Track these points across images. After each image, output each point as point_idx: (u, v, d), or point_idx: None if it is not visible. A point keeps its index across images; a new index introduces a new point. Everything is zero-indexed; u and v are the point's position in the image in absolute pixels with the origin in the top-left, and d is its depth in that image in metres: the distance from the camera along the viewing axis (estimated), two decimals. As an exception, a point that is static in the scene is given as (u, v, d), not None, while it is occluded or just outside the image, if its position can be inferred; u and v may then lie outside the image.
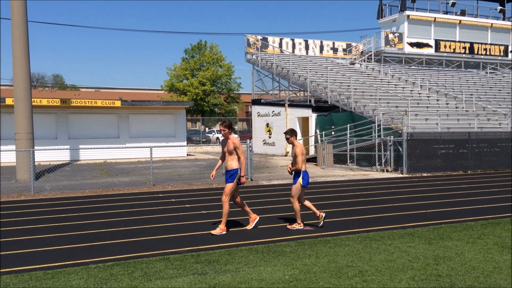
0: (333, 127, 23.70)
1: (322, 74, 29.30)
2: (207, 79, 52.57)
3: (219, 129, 9.09)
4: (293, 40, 35.19)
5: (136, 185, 15.17)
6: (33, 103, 18.57)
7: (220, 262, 6.67)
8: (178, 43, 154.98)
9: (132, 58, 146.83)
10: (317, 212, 8.99)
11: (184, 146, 24.58)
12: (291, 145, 8.86)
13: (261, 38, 33.77)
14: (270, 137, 29.56)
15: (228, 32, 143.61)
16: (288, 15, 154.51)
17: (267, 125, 29.80)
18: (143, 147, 18.58)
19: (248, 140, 17.53)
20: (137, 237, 8.36)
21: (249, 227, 8.87)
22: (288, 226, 8.92)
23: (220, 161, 9.04)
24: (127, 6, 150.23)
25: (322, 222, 8.96)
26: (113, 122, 25.45)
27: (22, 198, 12.95)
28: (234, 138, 8.51)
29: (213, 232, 8.47)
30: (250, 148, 16.78)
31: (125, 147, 23.11)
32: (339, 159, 21.84)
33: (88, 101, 25.04)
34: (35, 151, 15.35)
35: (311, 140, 25.69)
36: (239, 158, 8.49)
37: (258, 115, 30.80)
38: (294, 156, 8.64)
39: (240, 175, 8.49)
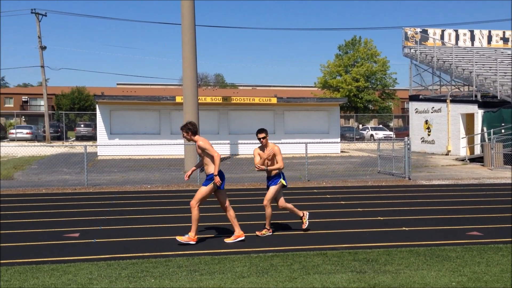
0: (503, 124, 21.50)
1: (490, 67, 26.75)
2: (361, 75, 51.63)
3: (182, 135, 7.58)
4: (456, 31, 32.72)
5: (291, 180, 15.46)
6: (199, 101, 20.06)
7: (379, 262, 6.47)
8: (331, 40, 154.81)
9: (286, 56, 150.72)
10: (299, 212, 8.29)
11: (338, 142, 24.45)
12: (266, 146, 7.93)
13: (420, 30, 32.03)
14: (429, 135, 27.93)
15: (384, 26, 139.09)
16: (451, 5, 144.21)
17: (426, 122, 28.20)
18: (298, 143, 18.95)
19: (405, 137, 16.75)
20: (295, 230, 8.52)
21: (229, 240, 7.63)
22: (303, 226, 8.28)
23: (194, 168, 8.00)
24: (282, 5, 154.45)
25: (307, 222, 8.25)
26: (269, 118, 26.35)
27: (190, 188, 14.10)
28: (198, 139, 7.34)
29: (178, 238, 7.41)
30: (408, 146, 16.03)
31: (280, 143, 23.85)
32: (510, 160, 19.75)
33: (247, 99, 26.30)
34: (200, 145, 16.59)
35: (477, 139, 23.65)
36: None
37: (416, 112, 29.30)
38: (273, 156, 7.84)
39: (214, 175, 7.35)
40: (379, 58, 52.74)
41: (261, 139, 7.85)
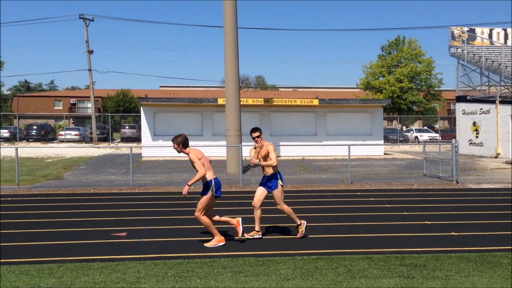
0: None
1: (542, 66, 25.66)
2: (405, 76, 50.58)
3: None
4: (505, 30, 31.58)
5: (334, 182, 15.36)
6: (240, 103, 20.17)
7: (427, 267, 6.31)
8: (374, 40, 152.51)
9: (328, 57, 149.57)
10: (298, 220, 8.02)
11: (381, 144, 24.05)
12: (259, 145, 7.80)
13: (468, 29, 31.09)
14: (477, 137, 27.05)
15: (429, 26, 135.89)
16: (499, 4, 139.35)
17: (474, 124, 27.33)
18: (341, 145, 18.72)
19: (453, 139, 16.28)
20: (338, 233, 8.43)
21: (209, 244, 7.49)
22: (298, 236, 7.98)
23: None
24: (323, 6, 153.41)
25: (302, 232, 7.93)
26: (310, 120, 26.19)
27: (232, 190, 14.19)
28: (189, 152, 7.39)
29: (206, 244, 7.51)
30: (456, 148, 15.57)
31: (322, 145, 23.67)
32: None
33: (288, 100, 26.25)
34: (242, 147, 16.68)
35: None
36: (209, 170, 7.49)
37: (463, 113, 28.44)
38: (266, 154, 7.73)
39: (213, 186, 7.42)
40: (423, 58, 51.51)
41: (255, 138, 7.82)
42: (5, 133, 43.20)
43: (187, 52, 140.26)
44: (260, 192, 7.91)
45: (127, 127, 45.74)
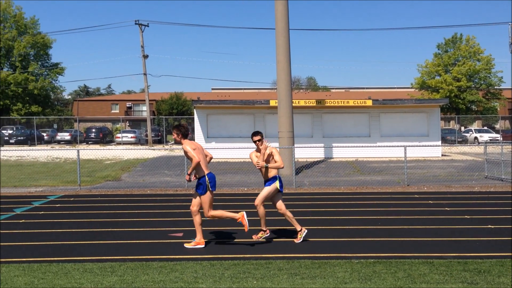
0: None
1: None
2: (463, 75, 48.84)
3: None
4: None
5: (389, 184, 15.01)
6: (292, 104, 20.10)
7: (492, 273, 6.04)
8: (429, 38, 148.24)
9: (380, 57, 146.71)
10: (298, 226, 7.82)
11: (439, 146, 23.26)
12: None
13: (531, 24, 29.62)
14: (541, 137, 25.67)
15: (487, 22, 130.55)
16: None
17: (538, 123, 25.95)
18: (396, 146, 18.27)
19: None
20: (396, 236, 8.22)
21: (189, 245, 7.55)
22: (254, 237, 7.91)
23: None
24: (375, 5, 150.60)
25: (300, 239, 7.78)
26: (364, 121, 25.75)
27: (285, 191, 14.11)
28: (184, 143, 7.38)
29: (186, 245, 7.56)
30: (520, 149, 14.82)
31: (376, 146, 23.21)
32: None
33: (341, 101, 25.91)
34: (295, 149, 16.61)
35: None
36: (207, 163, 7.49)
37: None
38: (268, 158, 7.63)
39: (207, 183, 7.35)
40: (482, 56, 49.56)
41: (257, 142, 7.74)
42: (66, 136, 45.16)
43: (238, 54, 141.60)
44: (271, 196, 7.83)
45: (180, 130, 46.62)
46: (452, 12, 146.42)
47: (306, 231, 7.85)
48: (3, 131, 46.50)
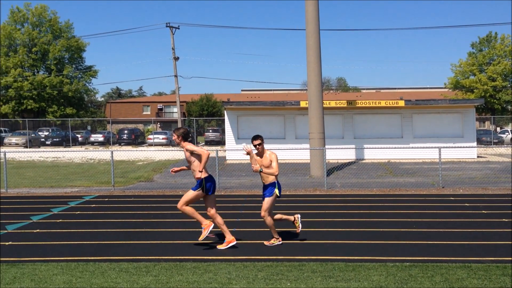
0: None
1: None
2: (498, 74, 47.56)
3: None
4: None
5: (423, 187, 14.73)
6: (323, 105, 19.96)
7: (534, 279, 5.85)
8: (463, 37, 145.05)
9: (412, 57, 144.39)
10: (290, 217, 7.97)
11: (474, 147, 22.76)
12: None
13: None
14: None
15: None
16: None
17: None
18: (430, 147, 17.92)
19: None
20: (432, 240, 8.06)
21: (221, 247, 7.60)
22: (266, 243, 7.83)
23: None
24: (407, 4, 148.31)
25: (299, 225, 7.99)
26: (396, 122, 25.36)
27: (317, 193, 14.07)
28: (186, 144, 7.48)
29: (219, 247, 7.63)
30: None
31: (409, 147, 22.83)
32: None
33: (372, 102, 25.59)
34: (326, 150, 16.49)
35: None
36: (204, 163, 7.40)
37: None
38: (269, 163, 7.58)
39: (204, 185, 7.46)
40: (518, 54, 48.15)
41: (257, 146, 7.71)
42: (99, 137, 46.07)
43: (268, 55, 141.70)
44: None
45: (210, 131, 47.00)
46: (487, 11, 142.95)
47: (235, 242, 7.67)
48: (39, 133, 47.78)
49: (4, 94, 55.21)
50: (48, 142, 43.65)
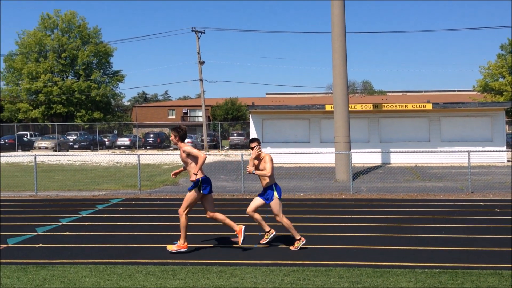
0: None
1: None
2: (529, 76, 46.40)
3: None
4: None
5: (451, 191, 14.46)
6: (349, 109, 19.80)
7: None
8: (492, 39, 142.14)
9: (440, 59, 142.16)
10: (265, 227, 7.96)
11: (504, 151, 22.24)
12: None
13: None
14: None
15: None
16: None
17: None
18: (458, 151, 17.59)
19: None
20: (461, 246, 7.89)
21: (170, 248, 7.58)
22: (292, 248, 7.78)
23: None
24: (432, 5, 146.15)
25: (268, 239, 7.95)
26: (423, 125, 24.99)
27: (342, 197, 13.94)
28: (183, 145, 7.41)
29: (169, 248, 7.58)
30: None
31: (436, 151, 22.47)
32: None
33: (399, 105, 25.28)
34: (352, 154, 16.33)
35: None
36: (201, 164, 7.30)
37: None
38: (263, 163, 7.67)
39: (200, 184, 7.36)
40: (550, 56, 46.89)
41: (253, 148, 7.84)
42: (126, 141, 46.73)
43: (292, 59, 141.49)
44: (255, 201, 7.94)
45: (235, 135, 47.15)
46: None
47: (304, 240, 7.81)
48: (68, 137, 48.72)
49: (34, 99, 56.56)
50: (76, 146, 44.50)
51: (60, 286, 6.03)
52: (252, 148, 7.91)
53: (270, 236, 7.98)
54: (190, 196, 7.46)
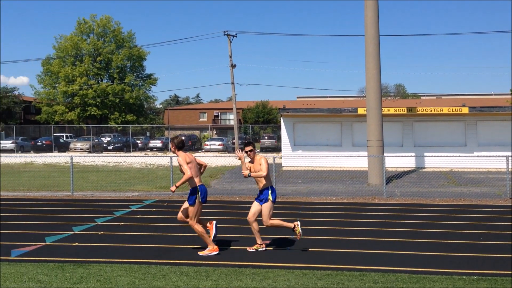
0: None
1: None
2: None
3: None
4: None
5: (489, 197, 14.07)
6: (382, 112, 19.53)
7: None
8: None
9: (476, 62, 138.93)
10: (290, 225, 7.91)
11: (544, 156, 21.43)
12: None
13: None
14: None
15: None
16: None
17: None
18: (496, 156, 17.10)
19: None
20: (502, 253, 7.65)
21: (202, 253, 7.67)
22: (249, 249, 7.93)
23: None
24: (467, 7, 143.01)
25: (258, 249, 7.92)
26: (459, 129, 24.41)
27: (376, 201, 13.74)
28: (179, 155, 7.61)
29: (200, 253, 7.69)
30: None
31: (473, 156, 21.89)
32: None
33: (434, 109, 24.76)
34: (385, 158, 16.10)
35: None
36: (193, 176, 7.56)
37: None
38: (259, 167, 7.69)
39: (199, 194, 7.61)
40: None
41: (248, 152, 7.90)
42: (158, 143, 47.34)
43: (323, 61, 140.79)
44: (253, 207, 7.89)
45: (266, 138, 47.15)
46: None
47: (299, 223, 7.94)
48: (102, 139, 49.73)
49: (70, 102, 58.00)
50: (110, 148, 45.34)
51: (96, 284, 6.13)
52: (247, 152, 7.99)
53: (259, 249, 7.93)
54: (194, 208, 7.62)
